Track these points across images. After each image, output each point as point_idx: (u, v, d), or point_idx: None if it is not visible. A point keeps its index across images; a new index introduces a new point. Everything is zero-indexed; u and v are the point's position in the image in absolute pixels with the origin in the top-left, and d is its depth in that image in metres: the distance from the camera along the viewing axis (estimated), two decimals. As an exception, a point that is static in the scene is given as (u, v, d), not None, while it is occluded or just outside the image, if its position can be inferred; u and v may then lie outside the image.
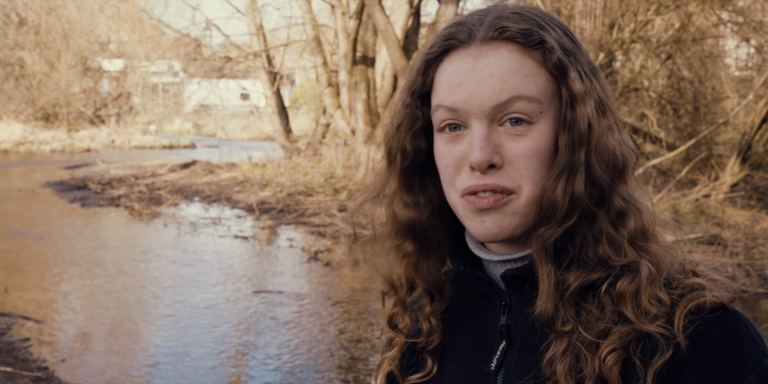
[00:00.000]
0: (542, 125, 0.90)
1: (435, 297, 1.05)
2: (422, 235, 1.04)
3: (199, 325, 6.55)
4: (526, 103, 0.89)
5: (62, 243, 10.01)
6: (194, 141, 30.83)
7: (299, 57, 27.40)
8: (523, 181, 0.90)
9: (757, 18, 13.10)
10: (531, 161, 0.90)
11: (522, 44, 0.90)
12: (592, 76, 0.93)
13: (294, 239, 10.58)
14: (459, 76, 0.92)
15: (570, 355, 0.87)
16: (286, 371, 5.50)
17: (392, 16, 13.51)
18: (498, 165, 0.90)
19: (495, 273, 0.99)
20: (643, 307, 0.86)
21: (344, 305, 7.21)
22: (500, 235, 0.92)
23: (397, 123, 1.01)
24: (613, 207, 0.91)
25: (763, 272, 8.08)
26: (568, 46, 0.92)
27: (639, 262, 0.89)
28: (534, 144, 0.90)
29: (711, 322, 0.85)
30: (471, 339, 1.02)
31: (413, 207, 1.03)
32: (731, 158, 12.30)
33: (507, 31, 0.90)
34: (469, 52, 0.92)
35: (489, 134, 0.90)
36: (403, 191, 1.03)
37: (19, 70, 31.56)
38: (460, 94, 0.91)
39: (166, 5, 52.96)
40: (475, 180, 0.91)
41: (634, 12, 11.76)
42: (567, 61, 0.90)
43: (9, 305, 6.95)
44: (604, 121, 0.92)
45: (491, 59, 0.90)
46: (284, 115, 19.12)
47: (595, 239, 0.90)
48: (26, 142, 26.33)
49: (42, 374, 5.21)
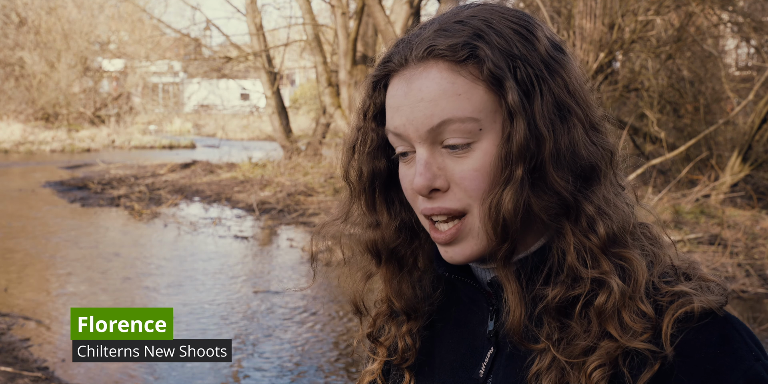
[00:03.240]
0: (485, 143, 0.87)
1: (411, 315, 1.04)
2: (390, 254, 1.02)
3: (199, 324, 6.55)
4: (460, 124, 0.86)
5: (62, 243, 10.01)
6: (194, 141, 30.80)
7: (299, 57, 27.39)
8: (472, 201, 0.88)
9: (757, 18, 13.10)
10: (476, 181, 0.87)
11: (452, 61, 0.87)
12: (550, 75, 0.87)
13: (294, 239, 10.57)
14: (397, 100, 0.90)
15: (555, 370, 0.86)
16: (286, 371, 5.51)
17: (392, 15, 13.51)
18: (443, 188, 0.89)
19: (483, 278, 0.97)
20: (627, 324, 0.84)
21: (344, 305, 7.21)
22: (467, 260, 0.92)
23: (350, 146, 1.00)
24: (583, 215, 0.87)
25: (763, 272, 8.08)
26: (513, 49, 0.87)
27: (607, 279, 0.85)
28: (477, 164, 0.87)
29: (698, 331, 0.83)
30: (459, 344, 1.00)
31: (375, 228, 1.02)
32: (731, 158, 12.30)
33: (435, 50, 0.87)
34: (404, 75, 0.90)
35: (430, 159, 0.88)
36: (365, 213, 1.03)
37: (19, 70, 31.55)
38: (398, 119, 0.90)
39: (166, 5, 52.97)
40: (425, 204, 0.90)
41: (634, 12, 11.76)
42: (504, 70, 0.86)
43: (9, 305, 6.95)
44: (565, 124, 0.87)
45: (423, 82, 0.88)
46: (284, 115, 19.12)
47: (565, 251, 0.87)
48: (26, 142, 26.32)
49: (42, 374, 5.21)
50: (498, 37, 0.87)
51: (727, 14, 13.51)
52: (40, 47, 31.78)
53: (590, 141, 0.88)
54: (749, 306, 7.06)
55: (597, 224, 0.87)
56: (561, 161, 0.86)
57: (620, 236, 0.88)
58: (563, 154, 0.86)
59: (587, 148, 0.88)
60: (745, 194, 12.21)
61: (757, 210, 11.25)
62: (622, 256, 0.87)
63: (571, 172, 0.87)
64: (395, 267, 1.03)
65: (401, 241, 1.01)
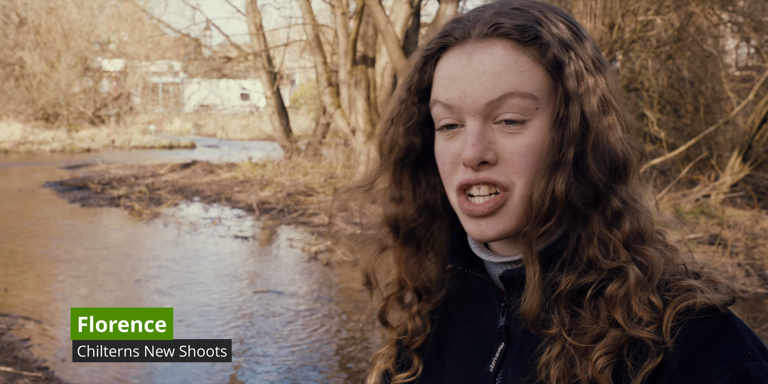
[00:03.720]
0: (538, 122, 0.89)
1: (422, 296, 1.05)
2: (407, 232, 1.04)
3: (199, 324, 6.55)
4: (520, 99, 0.88)
5: (62, 243, 10.01)
6: (194, 141, 30.80)
7: (299, 57, 27.39)
8: (517, 178, 0.90)
9: (757, 18, 13.10)
10: (526, 159, 0.89)
11: (517, 40, 0.89)
12: (596, 73, 0.91)
13: (294, 239, 10.57)
14: (454, 72, 0.91)
15: (564, 359, 0.87)
16: (286, 371, 5.51)
17: (392, 15, 13.51)
18: (491, 161, 0.90)
19: (495, 274, 0.98)
20: (634, 312, 0.85)
21: (344, 305, 7.21)
22: (497, 238, 0.92)
23: (390, 117, 1.01)
24: (609, 207, 0.89)
25: (763, 272, 8.08)
26: (568, 41, 0.90)
27: (626, 267, 0.87)
28: (529, 141, 0.89)
29: (696, 323, 0.84)
30: (470, 340, 1.01)
31: (398, 202, 1.03)
32: (731, 158, 12.30)
33: (501, 28, 0.90)
34: (464, 49, 0.91)
35: (482, 131, 0.90)
36: (392, 186, 1.04)
37: (19, 70, 31.54)
38: (454, 91, 0.91)
39: (166, 5, 52.99)
40: (468, 175, 0.91)
41: (634, 12, 11.75)
42: (564, 57, 0.89)
43: (9, 305, 6.95)
44: (606, 119, 0.90)
45: (485, 56, 0.90)
46: (284, 115, 19.12)
47: (588, 241, 0.89)
48: (26, 142, 26.31)
49: (42, 374, 5.21)
50: (555, 27, 0.91)
51: (727, 14, 13.51)
52: (40, 47, 31.78)
53: (626, 140, 0.91)
54: (749, 306, 7.06)
55: (623, 219, 0.89)
56: (600, 153, 0.89)
57: (641, 234, 0.90)
58: (603, 147, 0.89)
59: (623, 146, 0.91)
60: (745, 194, 12.21)
61: (757, 210, 11.25)
62: (640, 252, 0.89)
63: (606, 165, 0.89)
64: (412, 248, 1.05)
65: (421, 222, 1.03)
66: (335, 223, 11.28)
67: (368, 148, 13.59)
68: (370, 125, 13.62)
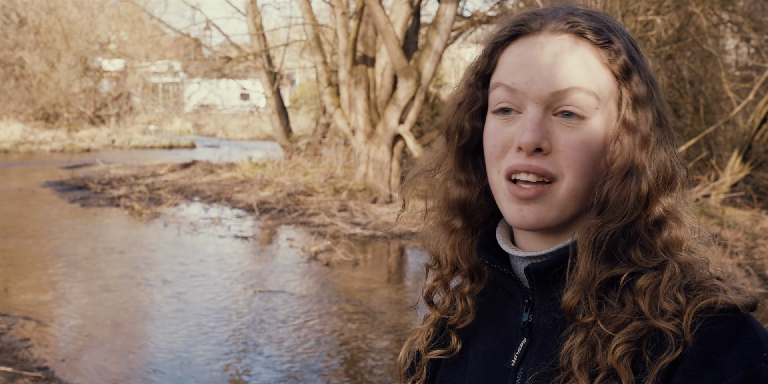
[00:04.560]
0: (595, 121, 0.92)
1: (475, 278, 1.08)
2: (470, 215, 1.06)
3: (199, 325, 6.55)
4: (585, 95, 0.91)
5: (62, 243, 10.01)
6: (194, 141, 30.80)
7: (299, 57, 27.40)
8: (567, 171, 0.92)
9: (757, 18, 13.09)
10: (580, 153, 0.91)
11: (590, 41, 0.93)
12: (653, 88, 0.95)
13: (294, 239, 10.57)
14: (524, 58, 0.94)
15: (587, 346, 0.88)
16: (286, 371, 5.51)
17: (392, 15, 13.50)
18: (545, 150, 0.92)
19: (520, 269, 1.00)
20: (659, 303, 0.87)
21: (344, 305, 7.21)
22: (536, 225, 0.94)
23: (458, 101, 1.03)
24: (652, 214, 0.92)
25: (763, 272, 8.09)
26: (633, 53, 0.94)
27: (667, 261, 0.90)
28: (585, 137, 0.91)
29: (715, 321, 0.85)
30: (494, 336, 1.03)
31: (465, 185, 1.05)
32: (731, 158, 12.30)
33: (578, 26, 0.93)
34: (538, 39, 0.94)
35: (542, 119, 0.92)
36: (458, 169, 1.05)
37: (19, 70, 31.54)
38: (521, 76, 0.93)
39: (166, 5, 52.99)
40: (520, 160, 0.92)
41: (634, 12, 11.75)
42: (632, 66, 0.93)
43: (9, 305, 6.95)
44: (662, 132, 0.94)
45: (558, 49, 0.92)
46: (284, 115, 19.13)
47: (631, 241, 0.91)
48: (26, 142, 26.31)
49: (42, 374, 5.21)
50: (622, 38, 0.95)
51: (727, 14, 13.51)
52: (40, 47, 31.78)
53: (675, 154, 0.95)
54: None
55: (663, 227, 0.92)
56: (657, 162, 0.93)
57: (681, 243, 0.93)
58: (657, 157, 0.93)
59: (674, 159, 0.95)
60: (745, 194, 12.21)
61: (757, 210, 11.26)
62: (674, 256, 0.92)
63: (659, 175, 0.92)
64: (468, 231, 1.07)
65: (479, 206, 1.05)
66: (336, 223, 11.28)
67: (368, 148, 13.59)
68: (370, 125, 13.62)
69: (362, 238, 10.63)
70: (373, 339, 6.21)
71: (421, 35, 15.09)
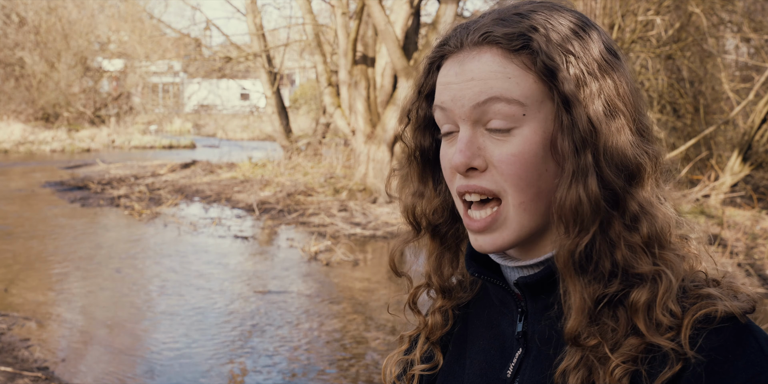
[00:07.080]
0: (526, 130, 0.89)
1: (445, 294, 1.07)
2: (432, 229, 1.05)
3: (199, 324, 6.55)
4: (506, 104, 0.89)
5: (62, 243, 10.01)
6: (194, 141, 30.81)
7: (299, 57, 27.39)
8: (507, 186, 0.90)
9: (757, 18, 13.10)
10: (514, 167, 0.89)
11: (506, 48, 0.90)
12: (602, 76, 0.90)
13: (294, 239, 10.57)
14: (448, 78, 0.94)
15: (583, 368, 0.86)
16: (286, 371, 5.51)
17: (392, 15, 13.50)
18: (480, 168, 0.91)
19: (511, 279, 0.98)
20: (655, 318, 0.85)
21: (344, 305, 7.21)
22: (496, 251, 0.94)
23: (404, 112, 1.04)
24: (628, 211, 0.88)
25: (763, 272, 8.09)
26: (569, 45, 0.90)
27: (661, 271, 0.86)
28: (516, 149, 0.89)
29: (715, 333, 0.83)
30: (489, 345, 1.02)
31: (418, 197, 1.05)
32: (731, 158, 12.30)
33: (490, 36, 0.91)
34: (458, 57, 0.94)
35: (472, 137, 0.91)
36: (414, 179, 1.06)
37: (19, 70, 31.54)
38: (446, 95, 0.93)
39: (166, 5, 52.89)
40: (462, 181, 0.93)
41: (634, 12, 11.76)
42: (559, 62, 0.88)
43: (9, 305, 6.95)
44: (614, 123, 0.89)
45: (475, 64, 0.91)
46: (284, 115, 19.13)
47: (612, 245, 0.88)
48: (26, 142, 26.32)
49: (42, 374, 5.21)
50: (554, 32, 0.91)
51: (727, 14, 13.51)
52: (40, 47, 31.78)
53: (637, 144, 0.91)
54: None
55: (640, 223, 0.88)
56: (614, 157, 0.89)
57: (660, 238, 0.89)
58: (613, 152, 0.89)
59: (633, 149, 0.90)
60: (745, 194, 12.21)
61: (757, 210, 11.26)
62: (661, 257, 0.88)
63: (620, 170, 0.89)
64: (437, 244, 1.06)
65: (444, 220, 1.05)
66: (336, 223, 11.28)
67: (368, 148, 13.60)
68: (370, 125, 13.62)
69: (362, 238, 10.63)
70: (373, 339, 6.21)
71: (421, 35, 15.08)
